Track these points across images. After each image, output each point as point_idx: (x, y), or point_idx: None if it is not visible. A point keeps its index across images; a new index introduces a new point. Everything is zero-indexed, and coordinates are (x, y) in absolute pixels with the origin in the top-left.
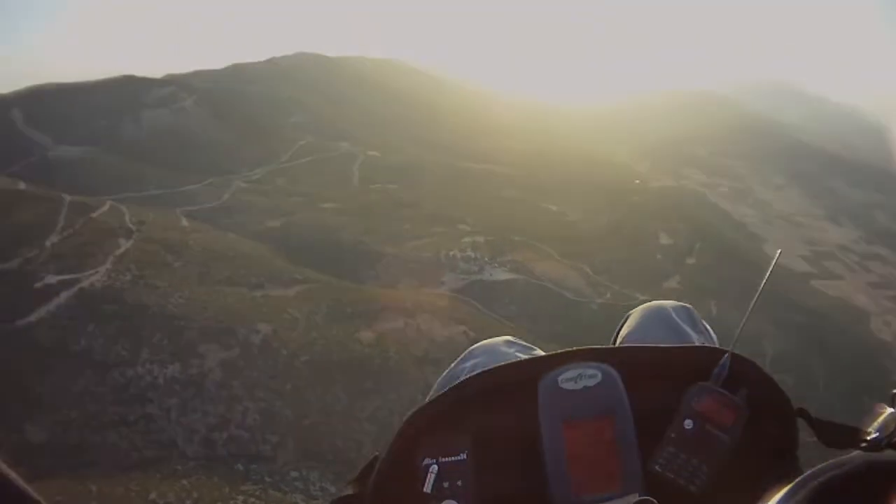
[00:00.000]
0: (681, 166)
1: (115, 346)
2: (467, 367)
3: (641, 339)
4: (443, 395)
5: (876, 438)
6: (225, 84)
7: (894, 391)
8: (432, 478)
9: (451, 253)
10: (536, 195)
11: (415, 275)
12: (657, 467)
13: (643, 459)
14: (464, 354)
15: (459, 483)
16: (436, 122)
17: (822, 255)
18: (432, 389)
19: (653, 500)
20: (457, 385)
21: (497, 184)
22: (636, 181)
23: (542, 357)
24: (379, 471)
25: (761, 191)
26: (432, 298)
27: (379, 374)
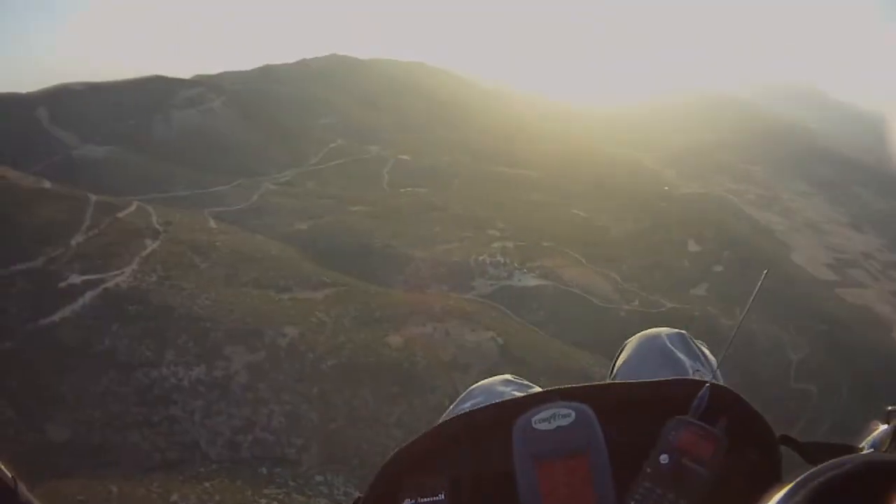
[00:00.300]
0: (707, 172)
1: (140, 346)
2: (466, 407)
3: (636, 369)
4: (423, 436)
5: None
6: (254, 85)
7: (889, 408)
8: None
9: (481, 258)
10: (565, 200)
11: (444, 279)
12: (632, 503)
13: (619, 496)
14: (463, 395)
15: None
16: (466, 125)
17: (845, 262)
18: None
19: None
20: (436, 426)
21: (526, 188)
22: (665, 187)
23: (518, 399)
24: None
25: (788, 198)
26: (461, 303)
27: (406, 379)
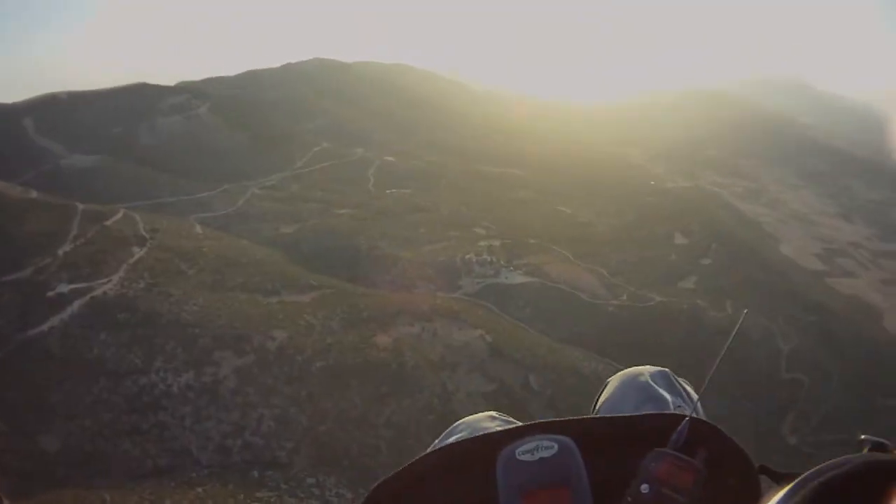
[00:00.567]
0: (695, 167)
1: (129, 354)
2: (450, 442)
3: (618, 405)
4: (407, 467)
5: None
6: (239, 90)
7: (862, 437)
8: None
9: (467, 256)
10: (550, 197)
11: (431, 279)
12: None
13: None
14: (448, 430)
15: None
16: (450, 126)
17: (835, 252)
18: None
19: None
20: (420, 458)
21: (511, 186)
22: (651, 182)
23: (502, 431)
24: None
25: (776, 190)
26: (448, 303)
27: (395, 380)
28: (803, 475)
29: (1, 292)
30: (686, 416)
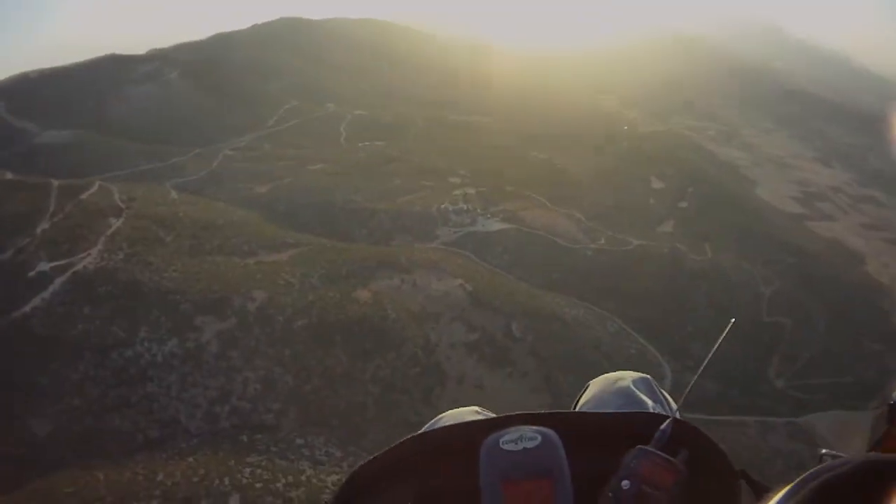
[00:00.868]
0: (669, 112)
1: (112, 327)
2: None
3: (599, 408)
4: (389, 450)
5: None
6: (208, 54)
7: (822, 451)
8: None
9: (443, 206)
10: (525, 144)
11: (408, 230)
12: None
13: None
14: (432, 421)
15: None
16: (421, 77)
17: (813, 196)
18: None
19: None
20: (402, 441)
21: (485, 134)
22: (624, 127)
23: (486, 420)
24: None
25: (750, 133)
26: (426, 253)
27: (378, 334)
28: (803, 475)
29: None
30: (669, 417)
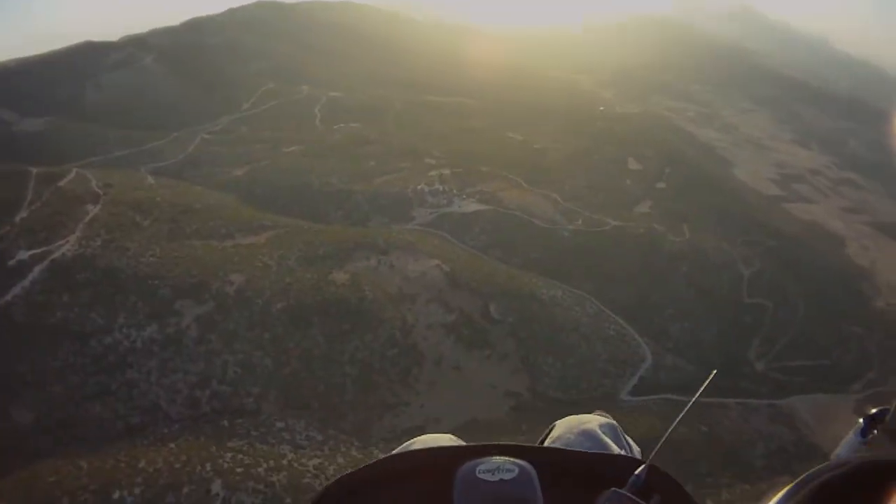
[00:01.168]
0: (646, 92)
1: (91, 314)
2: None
3: (566, 447)
4: (362, 469)
5: None
6: (183, 39)
7: (806, 475)
8: None
9: (419, 187)
10: (501, 125)
11: (384, 211)
12: None
13: None
14: (405, 444)
15: None
16: (396, 59)
17: (791, 178)
18: None
19: None
20: (380, 459)
21: (460, 115)
22: (600, 108)
23: (463, 446)
24: None
25: (728, 115)
26: (403, 234)
27: (355, 315)
28: (803, 475)
29: None
30: (645, 462)
